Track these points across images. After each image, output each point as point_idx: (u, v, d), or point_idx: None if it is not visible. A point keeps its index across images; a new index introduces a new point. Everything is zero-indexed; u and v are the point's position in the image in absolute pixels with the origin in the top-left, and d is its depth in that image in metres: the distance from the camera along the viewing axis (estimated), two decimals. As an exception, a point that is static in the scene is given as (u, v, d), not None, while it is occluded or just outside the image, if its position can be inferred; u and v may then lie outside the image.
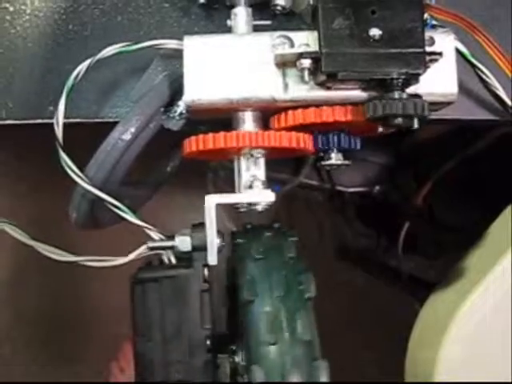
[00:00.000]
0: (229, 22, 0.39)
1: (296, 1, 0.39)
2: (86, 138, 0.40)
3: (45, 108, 0.41)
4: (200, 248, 0.38)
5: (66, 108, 0.37)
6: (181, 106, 0.40)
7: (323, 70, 0.35)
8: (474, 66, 0.40)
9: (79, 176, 0.37)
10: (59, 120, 0.37)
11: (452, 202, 0.59)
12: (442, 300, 0.46)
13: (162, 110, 0.40)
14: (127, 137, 0.39)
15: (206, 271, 0.39)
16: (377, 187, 0.76)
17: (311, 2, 0.38)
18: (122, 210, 0.38)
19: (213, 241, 0.37)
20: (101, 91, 0.39)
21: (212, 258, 0.37)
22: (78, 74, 0.35)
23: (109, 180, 0.39)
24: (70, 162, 0.37)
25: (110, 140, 0.38)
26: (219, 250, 0.37)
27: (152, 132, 0.41)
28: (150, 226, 0.38)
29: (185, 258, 0.39)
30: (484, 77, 0.41)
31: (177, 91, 0.39)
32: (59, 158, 0.37)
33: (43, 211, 0.86)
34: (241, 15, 0.39)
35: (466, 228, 0.54)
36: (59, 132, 0.36)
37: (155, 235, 0.39)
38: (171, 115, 0.41)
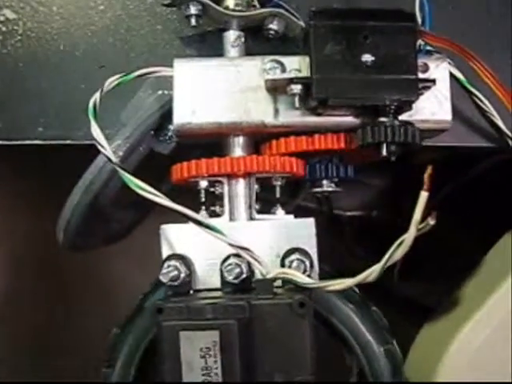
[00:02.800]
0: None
1: (289, 25, 0.39)
2: (76, 161, 0.40)
3: (34, 129, 0.40)
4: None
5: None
6: (171, 130, 0.40)
7: (314, 95, 0.34)
8: (469, 92, 0.40)
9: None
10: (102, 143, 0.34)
11: (451, 225, 0.58)
12: (436, 329, 0.45)
13: (152, 133, 0.40)
14: (116, 159, 0.38)
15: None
16: (375, 211, 0.75)
17: (304, 25, 0.38)
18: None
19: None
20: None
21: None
22: (95, 104, 0.34)
23: (97, 202, 0.39)
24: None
25: (99, 162, 0.37)
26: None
27: (141, 155, 0.40)
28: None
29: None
30: (480, 103, 0.40)
31: (167, 114, 0.39)
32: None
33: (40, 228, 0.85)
34: (232, 38, 0.39)
35: (465, 251, 0.53)
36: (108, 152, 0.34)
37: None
38: (161, 138, 0.40)
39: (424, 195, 0.27)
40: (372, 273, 0.29)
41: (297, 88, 0.35)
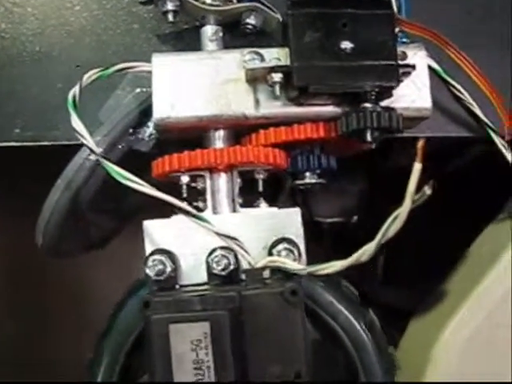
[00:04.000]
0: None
1: (266, 19, 0.39)
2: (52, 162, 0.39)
3: (11, 130, 0.40)
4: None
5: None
6: (150, 127, 0.39)
7: (295, 83, 0.34)
8: (447, 82, 0.40)
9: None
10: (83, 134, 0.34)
11: (430, 223, 0.59)
12: (425, 320, 0.44)
13: (131, 130, 0.39)
14: (91, 161, 0.38)
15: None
16: (355, 217, 0.75)
17: (281, 19, 0.38)
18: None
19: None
20: (68, 112, 0.38)
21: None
22: (74, 96, 0.34)
23: (76, 201, 0.38)
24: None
25: (77, 160, 0.37)
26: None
27: (120, 153, 0.39)
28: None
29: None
30: (457, 93, 0.41)
31: (146, 111, 0.38)
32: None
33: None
34: (210, 33, 0.39)
35: (446, 250, 0.53)
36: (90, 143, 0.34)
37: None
38: (140, 136, 0.40)
39: (417, 167, 0.27)
40: (365, 252, 0.29)
41: (277, 76, 0.35)
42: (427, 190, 0.27)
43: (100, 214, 0.46)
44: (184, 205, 0.33)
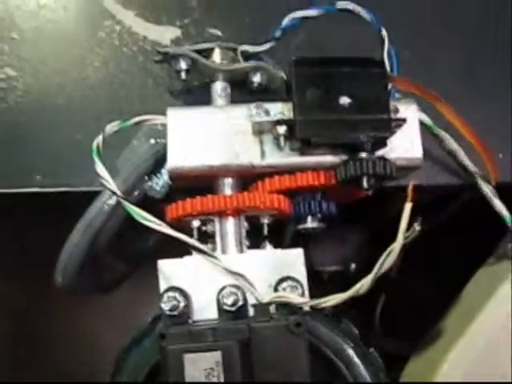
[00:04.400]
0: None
1: (271, 78, 0.43)
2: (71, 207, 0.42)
3: (32, 177, 0.43)
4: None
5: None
6: (164, 175, 0.42)
7: (298, 135, 0.38)
8: (435, 134, 0.44)
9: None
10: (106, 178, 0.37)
11: (423, 272, 0.61)
12: (421, 362, 0.46)
13: (146, 178, 0.42)
14: (113, 201, 0.41)
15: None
16: (353, 265, 0.77)
17: (285, 77, 0.42)
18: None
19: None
20: (87, 160, 0.41)
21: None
22: (98, 145, 0.37)
23: (94, 244, 0.40)
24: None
25: (97, 204, 0.40)
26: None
27: (135, 200, 0.42)
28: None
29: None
30: (446, 144, 0.44)
31: (160, 160, 0.42)
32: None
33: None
34: (219, 89, 0.42)
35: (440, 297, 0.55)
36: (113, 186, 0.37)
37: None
38: (154, 184, 0.43)
39: (408, 206, 0.30)
40: (363, 285, 0.32)
41: (282, 129, 0.38)
42: (417, 227, 0.30)
43: (115, 257, 0.49)
44: (198, 243, 0.36)
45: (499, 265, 0.46)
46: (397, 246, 0.30)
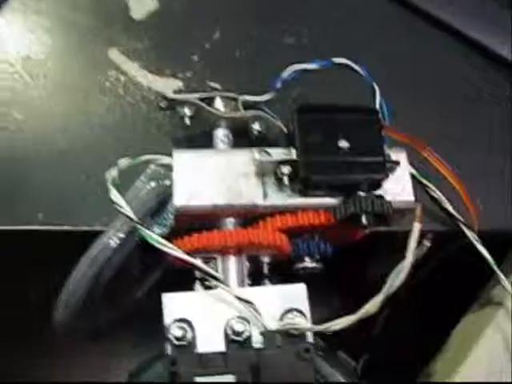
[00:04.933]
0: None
1: (270, 126, 0.46)
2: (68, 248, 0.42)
3: (35, 215, 0.43)
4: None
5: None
6: (167, 215, 0.43)
7: (300, 175, 0.40)
8: (421, 183, 0.47)
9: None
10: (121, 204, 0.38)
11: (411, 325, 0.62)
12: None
13: (149, 218, 0.43)
14: (115, 242, 0.41)
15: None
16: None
17: (283, 126, 0.45)
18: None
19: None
20: (90, 200, 0.42)
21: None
22: (114, 180, 0.38)
23: (97, 281, 0.41)
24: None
25: (103, 239, 0.40)
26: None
27: (136, 241, 0.43)
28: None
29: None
30: (431, 192, 0.47)
31: (163, 202, 0.43)
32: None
33: None
34: (221, 135, 0.45)
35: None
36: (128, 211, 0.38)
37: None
38: (158, 223, 0.44)
39: (417, 226, 0.32)
40: (374, 304, 0.33)
41: (286, 168, 0.41)
42: (426, 243, 0.32)
43: (108, 303, 0.49)
44: (209, 269, 0.37)
45: (484, 310, 0.48)
46: (406, 263, 0.32)
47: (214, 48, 0.51)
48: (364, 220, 0.40)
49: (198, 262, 0.37)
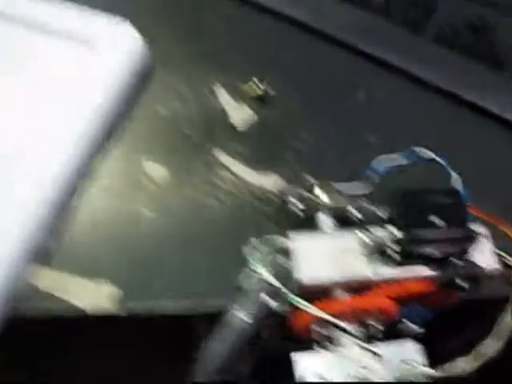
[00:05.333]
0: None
1: (367, 213, 0.53)
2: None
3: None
4: None
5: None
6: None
7: (407, 251, 0.48)
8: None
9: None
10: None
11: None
12: None
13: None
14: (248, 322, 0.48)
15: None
16: None
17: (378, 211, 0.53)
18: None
19: None
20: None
21: None
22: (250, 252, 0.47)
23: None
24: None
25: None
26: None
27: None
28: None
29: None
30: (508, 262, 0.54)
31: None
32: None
33: None
34: (324, 219, 0.53)
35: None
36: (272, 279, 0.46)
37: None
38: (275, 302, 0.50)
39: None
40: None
41: (390, 245, 0.48)
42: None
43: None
44: (346, 325, 0.44)
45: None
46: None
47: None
48: (461, 283, 0.47)
49: (334, 319, 0.44)
